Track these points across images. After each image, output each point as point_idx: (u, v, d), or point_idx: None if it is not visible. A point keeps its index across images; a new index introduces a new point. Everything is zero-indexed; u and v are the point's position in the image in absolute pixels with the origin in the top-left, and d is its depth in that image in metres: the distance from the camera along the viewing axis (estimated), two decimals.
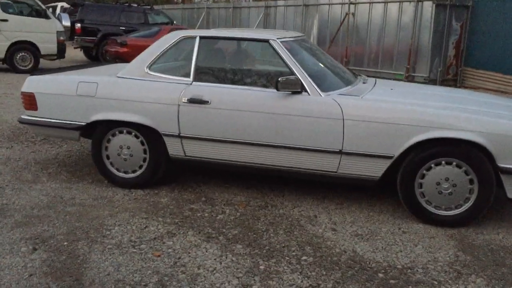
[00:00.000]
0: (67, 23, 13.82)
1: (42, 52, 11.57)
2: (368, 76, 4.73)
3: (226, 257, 2.92)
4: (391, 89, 3.95)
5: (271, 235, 3.25)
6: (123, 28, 14.78)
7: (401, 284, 2.68)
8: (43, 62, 11.92)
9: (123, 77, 3.92)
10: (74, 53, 16.40)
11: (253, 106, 3.60)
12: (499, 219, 3.60)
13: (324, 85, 3.63)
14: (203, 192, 3.99)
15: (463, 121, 3.30)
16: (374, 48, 12.95)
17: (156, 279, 2.67)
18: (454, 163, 3.34)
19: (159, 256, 2.92)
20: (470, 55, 12.27)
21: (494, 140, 3.25)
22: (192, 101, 3.69)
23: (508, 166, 3.26)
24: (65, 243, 3.04)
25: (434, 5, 11.51)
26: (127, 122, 3.85)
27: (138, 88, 3.82)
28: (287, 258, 2.94)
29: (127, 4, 15.40)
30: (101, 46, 14.36)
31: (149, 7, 15.97)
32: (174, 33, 3.99)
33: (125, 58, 12.76)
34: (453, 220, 3.42)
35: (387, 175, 3.53)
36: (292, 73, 3.60)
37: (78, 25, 14.27)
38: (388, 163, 3.44)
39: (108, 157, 4.00)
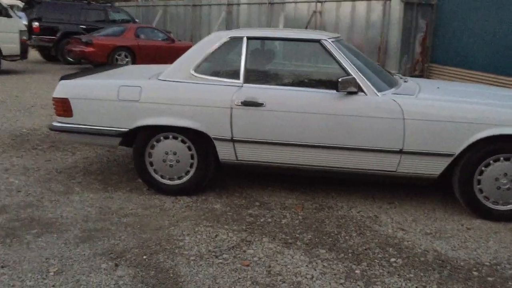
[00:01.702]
0: (24, 22, 13.13)
1: (4, 53, 10.90)
2: None
3: (317, 263, 2.87)
4: (438, 87, 4.02)
5: (346, 238, 3.22)
6: (83, 26, 14.21)
7: (499, 281, 2.73)
8: (4, 63, 11.24)
9: (167, 80, 3.76)
10: (31, 53, 15.57)
11: (310, 107, 3.55)
12: None
13: (377, 85, 3.63)
14: (251, 196, 3.89)
15: None
16: None
17: None
18: None
19: (248, 265, 2.82)
20: (435, 51, 12.74)
21: None
22: (246, 103, 3.59)
23: None
24: (144, 257, 2.87)
25: (402, 3, 11.85)
26: (174, 127, 3.70)
27: (186, 91, 3.67)
28: (376, 260, 2.92)
29: (86, 1, 14.81)
30: (60, 46, 13.74)
31: (109, 4, 15.44)
32: (218, 33, 3.87)
33: (91, 58, 12.35)
34: (510, 214, 3.52)
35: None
36: (347, 74, 3.57)
37: (35, 24, 13.56)
38: (448, 161, 3.49)
39: (151, 164, 3.82)
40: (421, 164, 3.52)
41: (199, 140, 3.72)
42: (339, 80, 3.45)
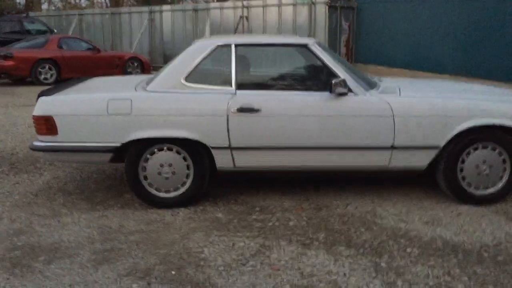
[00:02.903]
0: None
1: None
2: None
3: (343, 261, 2.96)
4: (413, 85, 4.28)
5: (357, 234, 3.34)
6: None
7: (509, 259, 2.97)
8: None
9: (157, 91, 3.67)
10: None
11: (305, 110, 3.64)
12: None
13: (363, 86, 3.80)
14: (248, 202, 3.91)
15: (498, 108, 3.71)
16: None
17: None
18: (490, 147, 3.75)
19: (278, 269, 2.85)
20: (358, 51, 13.39)
21: None
22: (242, 110, 3.60)
23: None
24: (173, 272, 2.80)
25: (327, 7, 12.34)
26: (168, 138, 3.63)
27: (180, 102, 3.62)
28: (395, 252, 3.06)
29: None
30: None
31: (24, 15, 14.59)
32: (202, 42, 3.85)
33: (12, 72, 11.69)
34: (490, 197, 3.83)
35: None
36: (336, 76, 3.71)
37: None
38: (434, 153, 3.73)
39: (146, 178, 3.71)
40: (411, 157, 3.74)
41: (195, 150, 3.68)
42: (333, 82, 3.58)
